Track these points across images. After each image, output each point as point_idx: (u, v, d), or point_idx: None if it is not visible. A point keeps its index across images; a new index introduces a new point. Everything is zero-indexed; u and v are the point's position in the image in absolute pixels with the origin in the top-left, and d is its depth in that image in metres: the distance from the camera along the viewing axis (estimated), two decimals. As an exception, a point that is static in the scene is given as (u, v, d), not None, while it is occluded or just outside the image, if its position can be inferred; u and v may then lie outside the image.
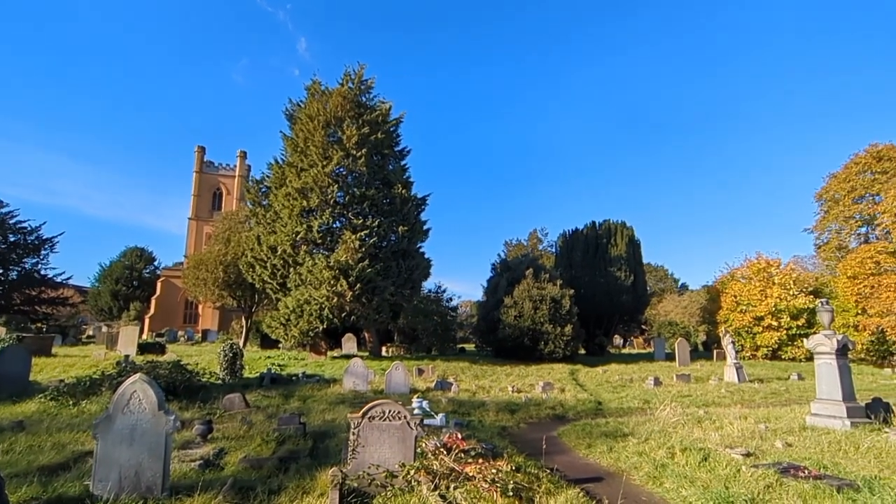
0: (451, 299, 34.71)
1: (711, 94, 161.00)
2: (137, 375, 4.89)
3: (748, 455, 6.89)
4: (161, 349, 25.28)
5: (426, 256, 26.44)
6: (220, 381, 15.05)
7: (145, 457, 4.62)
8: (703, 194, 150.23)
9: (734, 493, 5.38)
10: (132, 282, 53.60)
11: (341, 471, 5.12)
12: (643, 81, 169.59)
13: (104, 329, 32.37)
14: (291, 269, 23.02)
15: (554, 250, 42.48)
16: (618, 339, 40.97)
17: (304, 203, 23.01)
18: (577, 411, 12.40)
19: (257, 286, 25.99)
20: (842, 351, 9.71)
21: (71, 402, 10.38)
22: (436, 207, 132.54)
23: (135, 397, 4.69)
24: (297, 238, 22.89)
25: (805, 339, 10.80)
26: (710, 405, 13.19)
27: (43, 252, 28.95)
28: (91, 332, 36.64)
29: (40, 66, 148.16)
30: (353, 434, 5.30)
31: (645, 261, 39.74)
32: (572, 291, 27.06)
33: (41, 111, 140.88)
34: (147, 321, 47.43)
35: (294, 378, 17.01)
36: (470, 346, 36.16)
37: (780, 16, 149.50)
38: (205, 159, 58.16)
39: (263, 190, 26.48)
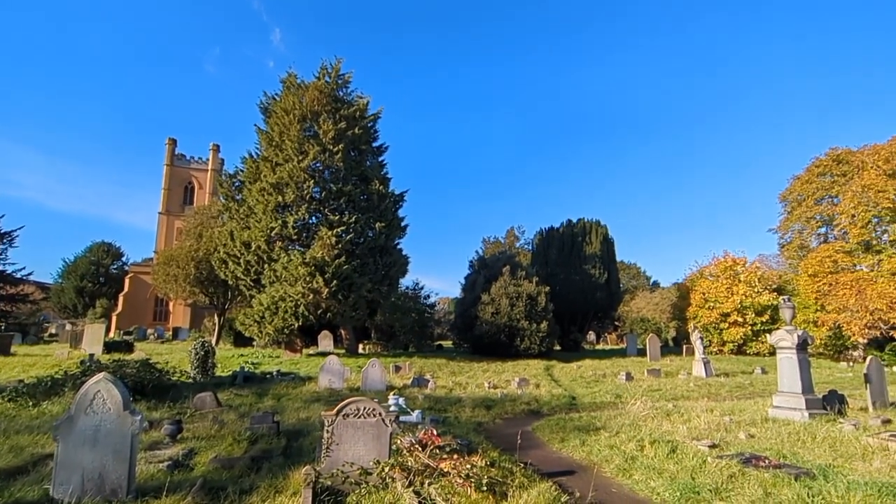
0: (428, 296, 34.72)
1: (685, 97, 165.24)
2: (101, 374, 4.72)
3: (713, 446, 7.14)
4: (129, 347, 24.51)
5: (404, 253, 26.39)
6: (191, 380, 14.71)
7: (109, 458, 4.48)
8: (675, 194, 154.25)
9: (699, 484, 5.57)
10: (98, 278, 51.68)
11: (315, 469, 5.08)
12: (620, 84, 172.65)
13: (68, 327, 31.17)
14: (266, 266, 22.62)
15: (531, 248, 42.93)
16: (592, 336, 41.75)
17: (280, 198, 22.60)
18: (551, 406, 12.58)
19: (230, 283, 25.43)
20: (802, 346, 10.16)
21: (31, 404, 9.96)
22: (414, 204, 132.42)
23: (98, 397, 4.54)
24: (272, 234, 22.48)
25: (769, 335, 11.24)
26: (679, 399, 13.59)
27: (1, 246, 27.59)
28: (54, 331, 35.30)
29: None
30: (327, 432, 5.26)
31: (618, 259, 40.59)
32: (548, 288, 27.42)
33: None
34: (114, 319, 45.77)
35: (268, 376, 16.75)
36: (447, 343, 36.25)
37: (759, 22, 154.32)
38: (176, 152, 56.34)
39: (237, 184, 25.89)
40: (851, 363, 25.68)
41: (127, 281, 50.12)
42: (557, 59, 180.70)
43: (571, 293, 32.54)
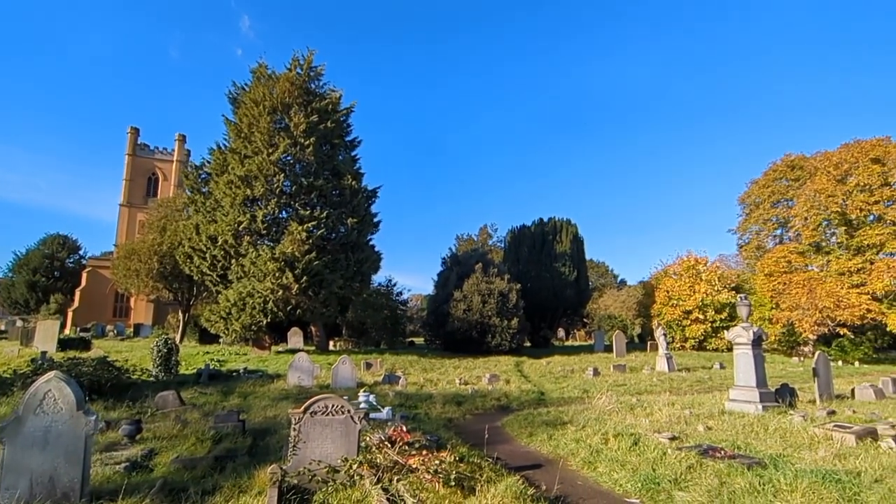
0: (400, 293, 34.58)
1: (651, 100, 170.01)
2: (53, 373, 4.50)
3: (674, 439, 7.41)
4: (86, 345, 23.45)
5: (376, 249, 26.19)
6: (152, 379, 14.24)
7: (61, 461, 4.27)
8: (643, 195, 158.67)
9: (660, 475, 5.79)
10: (53, 272, 49.20)
11: (281, 468, 5.00)
12: (592, 87, 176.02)
13: (18, 323, 29.61)
14: (233, 261, 22.03)
15: (503, 246, 43.37)
16: (561, 332, 42.54)
17: (248, 192, 22.04)
18: (520, 402, 12.78)
19: (195, 278, 24.66)
20: (757, 342, 10.66)
21: (-25, 405, 9.41)
22: (387, 200, 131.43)
23: (49, 397, 4.32)
24: (240, 228, 21.90)
25: (727, 331, 11.74)
26: (643, 393, 14.03)
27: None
28: (3, 327, 33.50)
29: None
30: (294, 430, 5.18)
31: (588, 257, 41.43)
32: (519, 286, 27.77)
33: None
34: (70, 315, 43.64)
35: (234, 374, 16.39)
36: (419, 340, 36.25)
37: (729, 29, 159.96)
38: (138, 141, 54.00)
39: (203, 176, 25.11)
40: (802, 358, 27.12)
41: (84, 275, 47.86)
42: (531, 61, 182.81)
43: (542, 290, 33.07)
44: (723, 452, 6.47)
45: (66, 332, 34.34)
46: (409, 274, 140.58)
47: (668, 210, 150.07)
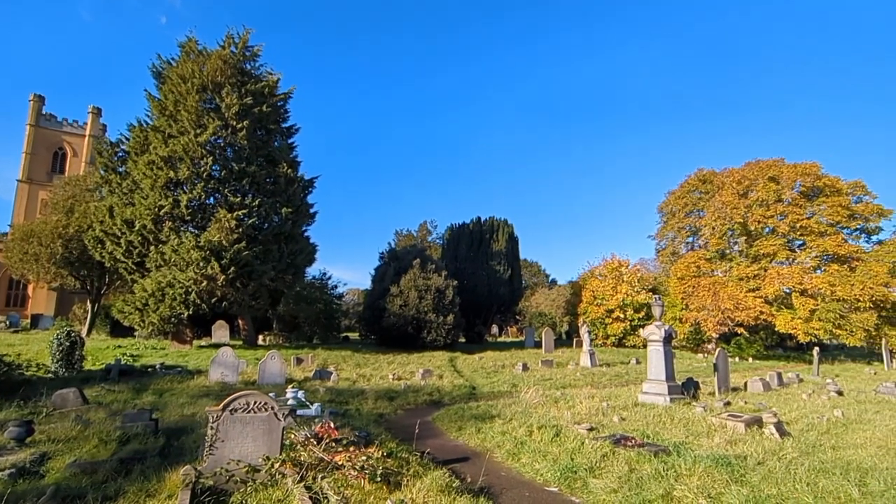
0: (335, 286, 33.83)
1: (586, 110, 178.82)
2: (-80, 370, 3.94)
3: (591, 429, 7.91)
4: (-33, 338, 20.67)
5: (311, 241, 25.38)
6: (51, 376, 12.94)
7: (-71, 469, 3.76)
8: (576, 200, 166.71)
9: (577, 464, 6.16)
10: (-74, 253, 42.63)
11: (195, 468, 4.74)
12: (538, 87, 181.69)
13: None
14: (152, 248, 20.38)
15: (441, 242, 43.71)
16: (495, 329, 43.70)
17: (172, 174, 20.44)
18: (452, 396, 12.98)
19: (108, 265, 22.56)
20: (668, 339, 11.62)
21: None
22: (326, 192, 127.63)
23: (-85, 397, 3.78)
24: (161, 213, 20.28)
25: (643, 329, 12.67)
26: (567, 387, 14.80)
27: None
28: None
29: None
30: (212, 428, 4.93)
31: (522, 257, 42.80)
32: (456, 282, 28.14)
33: None
34: (-52, 303, 38.20)
35: (150, 370, 15.28)
36: (355, 335, 35.69)
37: (676, 45, 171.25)
38: (43, 111, 48.08)
39: (120, 155, 22.97)
40: (706, 354, 29.88)
41: (-32, 259, 42.06)
42: (477, 57, 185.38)
43: (478, 287, 33.73)
44: (633, 441, 7.00)
45: (-57, 322, 30.09)
46: (347, 268, 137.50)
47: (597, 215, 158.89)
